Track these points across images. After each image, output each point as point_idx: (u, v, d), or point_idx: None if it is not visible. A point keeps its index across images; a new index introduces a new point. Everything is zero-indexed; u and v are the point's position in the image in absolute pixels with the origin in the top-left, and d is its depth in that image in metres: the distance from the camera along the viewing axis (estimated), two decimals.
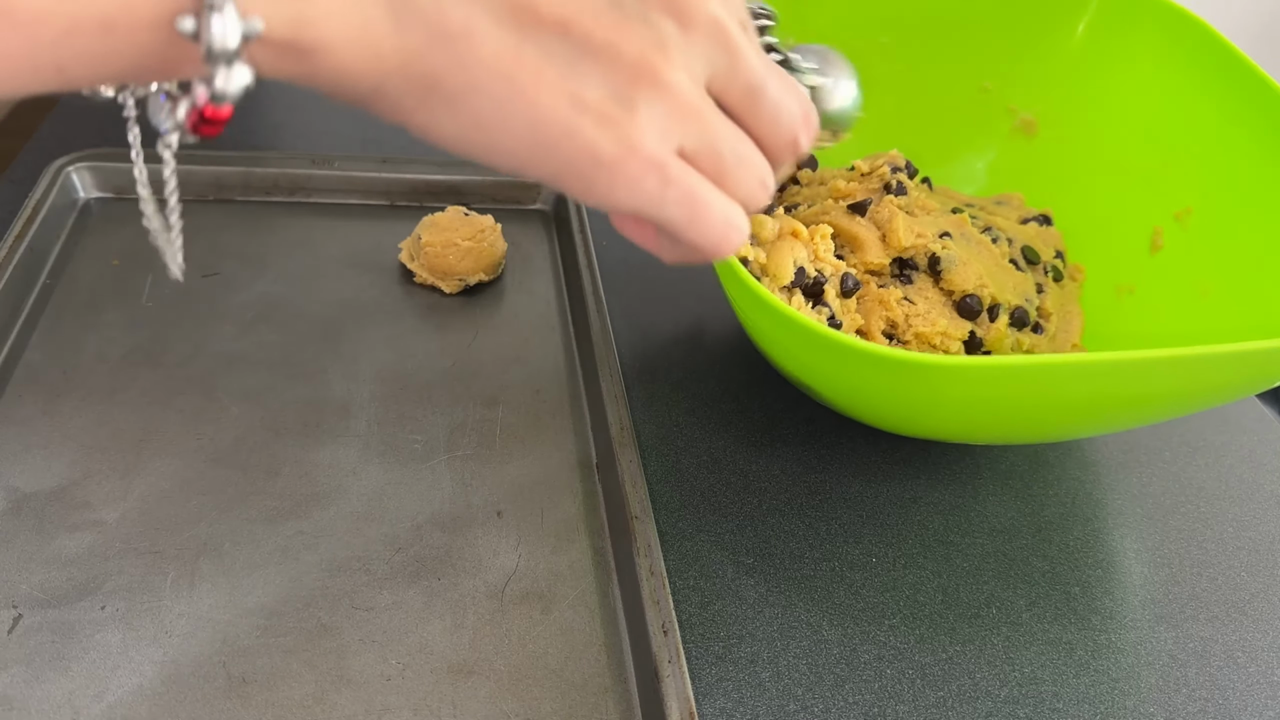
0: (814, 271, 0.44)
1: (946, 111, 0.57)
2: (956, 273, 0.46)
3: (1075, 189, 0.54)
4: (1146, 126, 0.52)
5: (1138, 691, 0.38)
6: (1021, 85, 0.56)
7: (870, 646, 0.38)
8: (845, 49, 0.55)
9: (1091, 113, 0.54)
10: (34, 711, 0.32)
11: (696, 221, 0.28)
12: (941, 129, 0.56)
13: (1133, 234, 0.51)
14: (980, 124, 0.57)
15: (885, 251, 0.47)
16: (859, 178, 0.51)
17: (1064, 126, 0.55)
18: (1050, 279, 0.51)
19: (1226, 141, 0.48)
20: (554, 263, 0.57)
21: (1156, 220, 0.50)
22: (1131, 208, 0.51)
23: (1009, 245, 0.50)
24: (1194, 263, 0.48)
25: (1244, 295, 0.45)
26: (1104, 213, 0.52)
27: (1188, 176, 0.49)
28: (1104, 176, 0.53)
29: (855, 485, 0.45)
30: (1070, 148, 0.55)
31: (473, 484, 0.42)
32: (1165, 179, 0.50)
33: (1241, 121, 0.47)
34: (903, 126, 0.54)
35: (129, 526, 0.38)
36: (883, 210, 0.47)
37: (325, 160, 0.59)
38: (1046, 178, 0.55)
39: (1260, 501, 0.48)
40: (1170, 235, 0.49)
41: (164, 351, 0.46)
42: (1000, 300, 0.47)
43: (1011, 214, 0.54)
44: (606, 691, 0.35)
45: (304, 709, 0.33)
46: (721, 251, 0.29)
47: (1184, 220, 0.49)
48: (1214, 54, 0.48)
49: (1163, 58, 0.51)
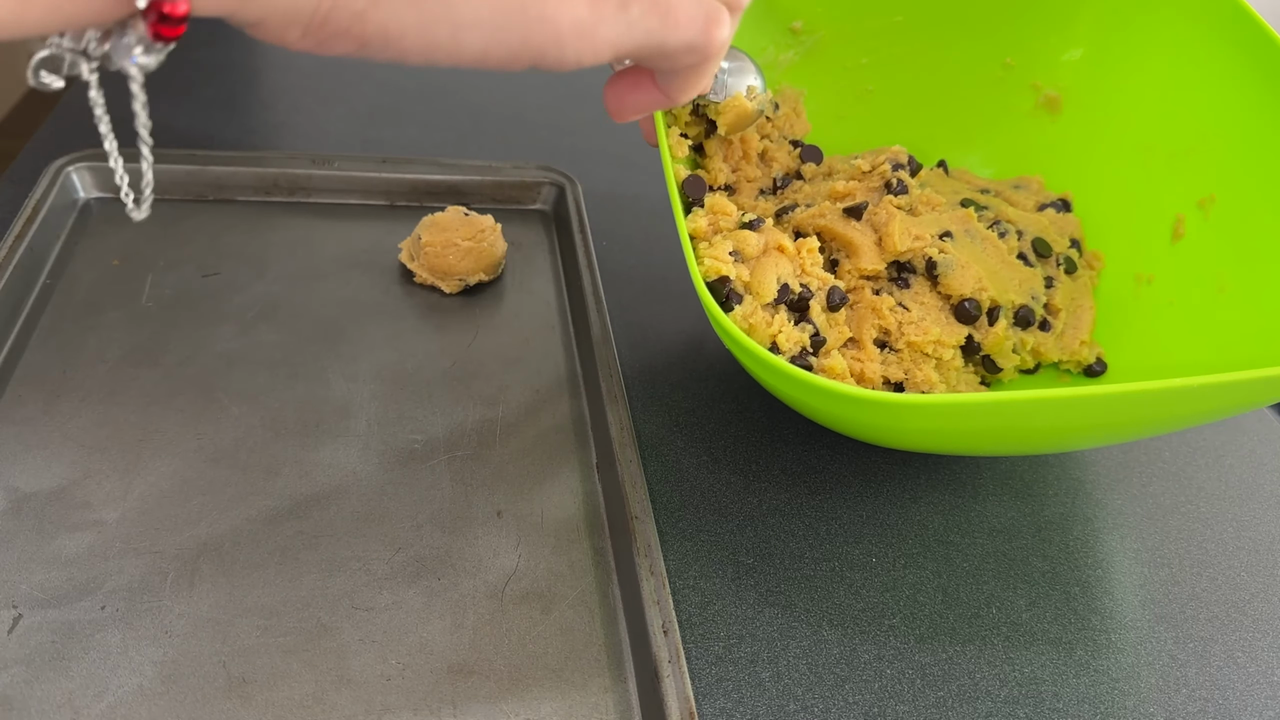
0: (798, 287, 0.43)
1: (965, 91, 0.55)
2: (954, 277, 0.46)
3: (1097, 172, 0.52)
4: (1173, 106, 0.50)
5: (1138, 691, 0.38)
6: (1045, 60, 0.54)
7: (870, 646, 0.38)
8: (859, 33, 0.55)
9: (1117, 90, 0.52)
10: (34, 711, 0.32)
11: (670, 24, 0.28)
12: (960, 109, 0.55)
13: (1155, 220, 0.49)
14: (1001, 102, 0.55)
15: (881, 256, 0.46)
16: (860, 176, 0.50)
17: (1089, 104, 0.53)
18: (1062, 271, 0.50)
19: (1254, 126, 0.46)
20: (554, 263, 0.57)
21: (1180, 207, 0.48)
22: (1155, 192, 0.50)
23: (1018, 239, 0.49)
24: (1213, 255, 0.46)
25: (1259, 295, 0.44)
26: (1126, 197, 0.51)
27: (1213, 161, 0.48)
28: (1127, 158, 0.51)
29: (855, 485, 0.45)
30: (1094, 128, 0.53)
31: (473, 484, 0.42)
32: (1190, 163, 0.49)
33: (1267, 104, 0.45)
34: (919, 108, 0.53)
35: (129, 526, 0.38)
36: (880, 212, 0.47)
37: (325, 160, 0.59)
38: (1068, 159, 0.54)
39: (1260, 501, 0.48)
40: (1192, 224, 0.48)
41: (164, 351, 0.46)
42: (1001, 302, 0.46)
43: (1030, 199, 0.52)
44: (606, 691, 0.35)
45: (304, 709, 0.33)
46: (711, 41, 0.29)
47: (1207, 208, 0.47)
48: (1247, 33, 0.46)
49: (1193, 33, 0.49)
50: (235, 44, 0.77)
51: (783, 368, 0.36)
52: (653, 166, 0.51)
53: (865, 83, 0.55)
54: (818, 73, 0.54)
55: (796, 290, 0.43)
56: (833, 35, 0.54)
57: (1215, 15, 0.48)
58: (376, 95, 0.71)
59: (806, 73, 0.54)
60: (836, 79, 0.55)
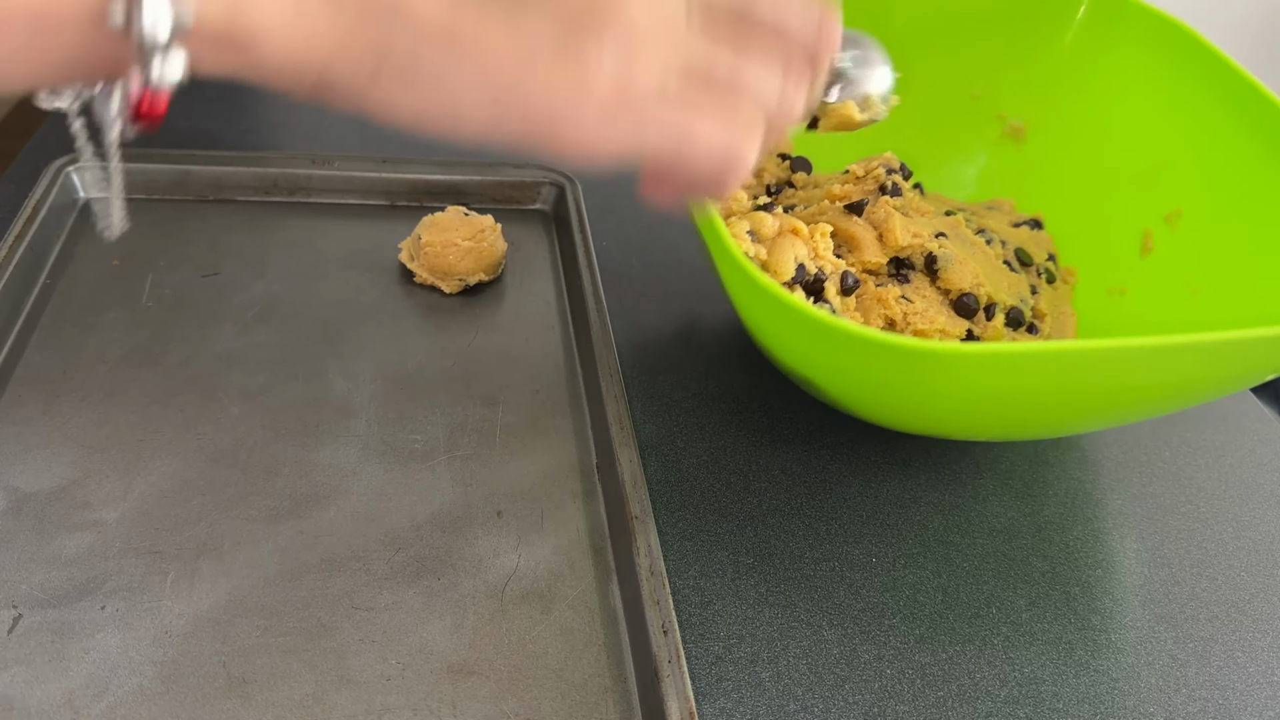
0: (814, 268, 0.44)
1: (937, 118, 0.57)
2: (953, 271, 0.46)
3: (1065, 194, 0.54)
4: (1135, 131, 0.52)
5: (1138, 691, 0.38)
6: (1010, 93, 0.57)
7: (870, 646, 0.38)
8: None
9: (1080, 119, 0.55)
10: (34, 711, 0.32)
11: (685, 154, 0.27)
12: (933, 135, 0.57)
13: (1124, 237, 0.51)
14: (970, 131, 0.58)
15: (882, 251, 0.47)
16: (854, 180, 0.51)
17: (1053, 133, 0.56)
18: (1044, 281, 0.51)
19: (1214, 143, 0.48)
20: (554, 263, 0.57)
21: (1147, 223, 0.50)
22: (1122, 211, 0.52)
23: (1002, 247, 0.51)
24: (1185, 263, 0.48)
25: (1235, 292, 0.45)
26: (1094, 216, 0.53)
27: (1177, 179, 0.50)
28: (1094, 181, 0.53)
29: (855, 485, 0.45)
30: (1060, 153, 0.55)
31: (473, 484, 0.42)
32: (1155, 182, 0.51)
33: (1228, 123, 0.48)
34: (894, 132, 0.54)
35: (129, 526, 0.38)
36: (878, 210, 0.48)
37: (325, 160, 0.59)
38: (1037, 183, 0.56)
39: (1260, 501, 0.48)
40: (1160, 237, 0.50)
41: (164, 351, 0.46)
42: (996, 299, 0.47)
43: (1003, 219, 0.54)
44: (606, 691, 0.35)
45: (304, 709, 0.33)
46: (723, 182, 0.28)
47: (1174, 222, 0.49)
48: (1200, 59, 0.49)
49: (1149, 64, 0.52)
50: None
51: (825, 319, 0.35)
52: None
53: None
54: None
55: (813, 271, 0.43)
56: None
57: (1170, 46, 0.50)
58: None
59: None
60: None
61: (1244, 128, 0.47)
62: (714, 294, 0.56)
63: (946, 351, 0.34)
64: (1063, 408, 0.40)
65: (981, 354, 0.34)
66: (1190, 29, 0.50)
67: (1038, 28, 0.56)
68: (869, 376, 0.39)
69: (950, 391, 0.37)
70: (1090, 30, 0.54)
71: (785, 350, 0.41)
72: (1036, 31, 0.56)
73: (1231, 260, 0.46)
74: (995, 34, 0.56)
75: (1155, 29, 0.51)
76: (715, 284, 0.57)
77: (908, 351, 0.34)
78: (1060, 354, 0.34)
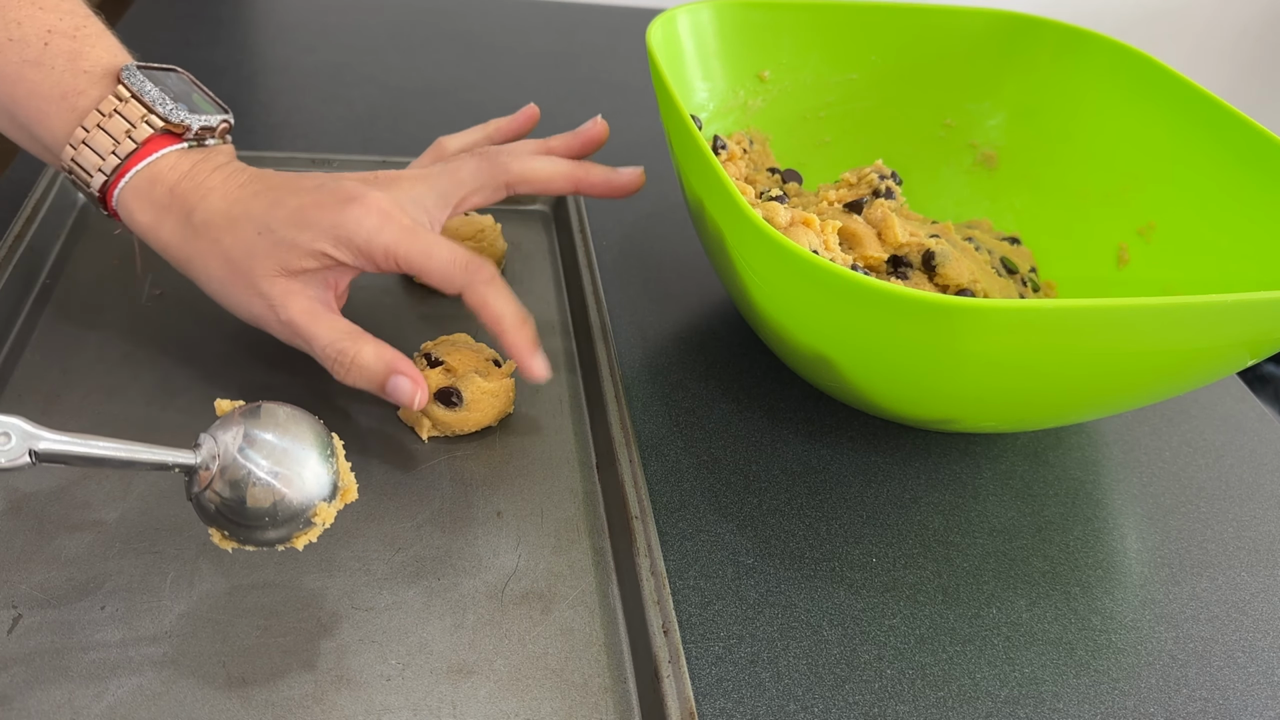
0: (826, 259, 0.44)
1: (913, 145, 0.60)
2: (951, 267, 0.47)
3: (1040, 214, 0.57)
4: (1104, 152, 0.54)
5: (1138, 691, 0.38)
6: (980, 122, 0.59)
7: (870, 646, 0.38)
8: (819, 85, 0.59)
9: (1050, 145, 0.57)
10: (34, 711, 0.32)
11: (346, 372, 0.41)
12: (909, 161, 0.58)
13: (1100, 250, 0.53)
14: (945, 157, 0.60)
15: (882, 248, 0.48)
16: (848, 187, 0.53)
17: (1024, 159, 0.58)
18: (1030, 290, 0.52)
19: (1181, 158, 0.51)
20: (554, 263, 0.57)
21: (1122, 237, 0.52)
22: (1096, 227, 0.54)
23: (989, 255, 0.52)
24: (1161, 271, 0.50)
25: (1211, 290, 0.47)
26: (1070, 233, 0.55)
27: (1148, 195, 0.52)
28: (1067, 201, 0.56)
29: (855, 485, 0.45)
30: (1032, 177, 0.57)
31: (473, 484, 0.42)
32: (1127, 199, 0.53)
33: (1194, 138, 0.50)
34: (873, 157, 0.56)
35: (129, 526, 0.38)
36: (875, 211, 0.49)
37: (325, 160, 0.59)
38: (1011, 204, 0.58)
39: (1260, 501, 0.48)
40: (1136, 249, 0.52)
41: (164, 351, 0.46)
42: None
43: (983, 238, 0.56)
44: (606, 691, 0.35)
45: (304, 709, 0.33)
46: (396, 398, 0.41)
47: (1148, 234, 0.51)
48: (1160, 81, 0.52)
49: (1113, 91, 0.54)
50: (235, 45, 0.77)
51: (849, 276, 0.34)
52: (653, 167, 0.51)
53: (823, 134, 0.60)
54: (782, 121, 0.58)
55: None
56: (796, 86, 0.58)
57: (1131, 73, 0.53)
58: (376, 95, 0.71)
59: (773, 120, 0.58)
60: (797, 129, 0.59)
61: (1208, 140, 0.49)
62: (714, 294, 0.56)
63: (987, 308, 0.33)
64: (1083, 376, 0.39)
65: (1023, 310, 0.34)
66: (1149, 55, 0.53)
67: (1006, 59, 0.58)
68: (893, 343, 0.37)
69: (980, 355, 0.36)
70: (1057, 61, 0.57)
71: (804, 326, 0.41)
72: (1005, 62, 0.58)
73: (1205, 264, 0.48)
74: (965, 65, 0.59)
75: (1117, 58, 0.54)
76: (716, 283, 0.57)
77: (947, 309, 0.33)
78: (1099, 311, 0.34)
